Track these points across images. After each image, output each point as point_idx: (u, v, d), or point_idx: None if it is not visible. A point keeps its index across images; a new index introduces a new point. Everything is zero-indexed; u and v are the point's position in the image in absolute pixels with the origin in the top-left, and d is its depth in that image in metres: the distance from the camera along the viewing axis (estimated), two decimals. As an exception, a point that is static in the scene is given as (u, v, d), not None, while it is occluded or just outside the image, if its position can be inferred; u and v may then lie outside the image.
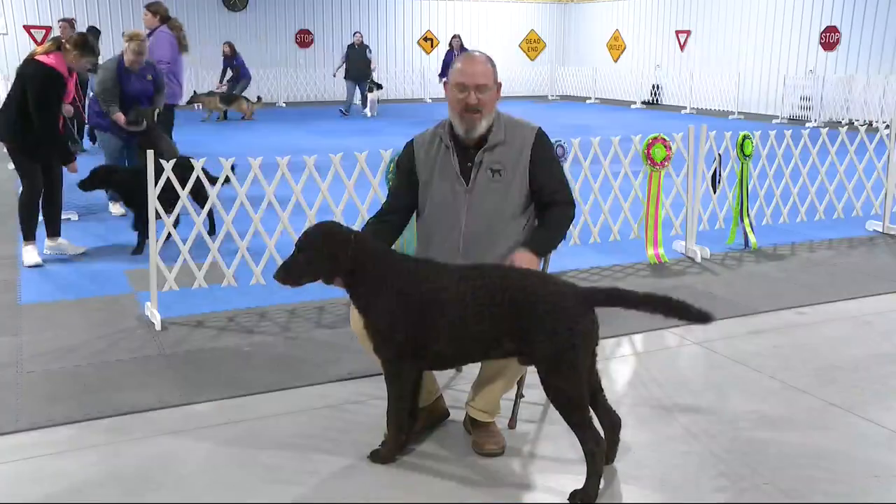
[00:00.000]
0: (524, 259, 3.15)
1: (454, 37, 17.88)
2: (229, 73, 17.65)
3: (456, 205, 3.33)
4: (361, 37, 18.50)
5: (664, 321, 4.95)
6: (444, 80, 17.58)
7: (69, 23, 10.86)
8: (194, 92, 17.54)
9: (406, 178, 3.45)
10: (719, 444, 3.41)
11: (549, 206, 3.37)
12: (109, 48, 16.22)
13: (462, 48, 16.94)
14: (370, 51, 18.58)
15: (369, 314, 3.08)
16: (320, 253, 3.03)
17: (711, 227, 6.83)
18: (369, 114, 17.72)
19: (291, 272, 3.05)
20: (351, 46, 18.30)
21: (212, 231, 6.70)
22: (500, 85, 3.36)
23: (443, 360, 3.14)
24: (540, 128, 3.42)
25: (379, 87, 18.39)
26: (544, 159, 3.36)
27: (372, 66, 18.45)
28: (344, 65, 18.29)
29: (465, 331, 2.96)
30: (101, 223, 7.57)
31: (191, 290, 5.28)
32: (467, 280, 2.96)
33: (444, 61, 17.81)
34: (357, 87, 18.18)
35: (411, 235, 3.90)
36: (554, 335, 2.84)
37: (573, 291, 2.93)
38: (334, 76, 19.47)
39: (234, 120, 16.83)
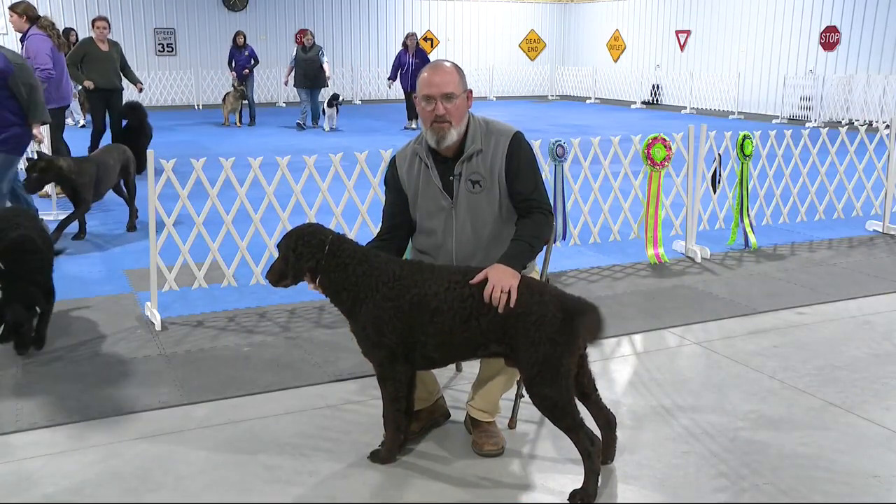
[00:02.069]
0: (503, 276, 2.92)
1: (409, 36, 15.66)
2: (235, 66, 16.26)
3: (443, 220, 3.30)
4: (313, 38, 15.81)
5: (664, 321, 4.97)
6: (391, 82, 15.10)
7: (107, 22, 9.91)
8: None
9: (396, 195, 3.40)
10: (719, 444, 3.41)
11: (524, 214, 3.26)
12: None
13: (418, 48, 15.50)
14: (323, 54, 15.73)
15: (355, 319, 3.09)
16: (294, 254, 3.06)
17: (711, 227, 6.83)
18: (326, 127, 15.34)
19: (272, 274, 3.14)
20: (301, 49, 15.63)
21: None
22: (469, 92, 3.27)
23: (431, 362, 3.14)
24: (517, 132, 3.31)
25: (338, 101, 15.45)
26: (518, 164, 3.25)
27: (327, 74, 15.69)
28: (293, 71, 15.70)
29: (452, 336, 2.97)
30: (100, 223, 7.56)
31: (191, 290, 5.28)
32: (456, 287, 2.95)
33: (394, 63, 15.79)
34: (309, 96, 15.64)
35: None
36: (537, 345, 2.85)
37: (557, 300, 2.91)
38: (285, 84, 16.61)
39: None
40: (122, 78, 10.18)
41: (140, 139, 9.34)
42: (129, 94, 16.16)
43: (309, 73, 15.44)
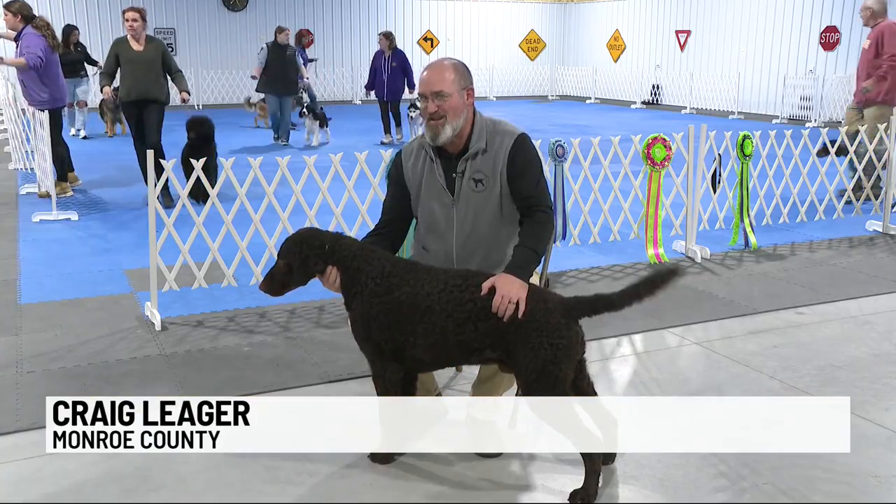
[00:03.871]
0: (511, 287, 2.88)
1: (381, 36, 13.21)
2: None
3: (445, 218, 3.29)
4: (288, 35, 12.86)
5: (664, 321, 4.96)
6: (368, 91, 13.67)
7: (139, 13, 7.94)
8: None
9: (397, 189, 3.40)
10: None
11: (525, 214, 3.25)
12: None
13: (394, 49, 13.13)
14: (300, 55, 13.44)
15: (349, 313, 3.12)
16: (297, 257, 3.08)
17: (711, 227, 6.83)
18: (314, 142, 12.75)
19: (274, 281, 3.13)
20: (273, 46, 12.64)
21: None
22: (469, 90, 3.23)
23: (422, 365, 3.12)
24: (522, 133, 3.29)
25: (311, 111, 12.78)
26: (520, 165, 3.22)
27: (305, 79, 13.45)
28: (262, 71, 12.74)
29: (444, 339, 2.94)
30: (101, 223, 7.57)
31: (191, 290, 5.28)
32: (452, 291, 2.93)
33: (370, 66, 13.44)
34: (280, 103, 12.80)
35: (406, 246, 3.89)
36: (538, 351, 2.83)
37: (560, 307, 2.91)
38: (261, 81, 13.03)
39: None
40: (167, 84, 8.19)
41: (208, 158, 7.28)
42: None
43: (287, 76, 12.75)
